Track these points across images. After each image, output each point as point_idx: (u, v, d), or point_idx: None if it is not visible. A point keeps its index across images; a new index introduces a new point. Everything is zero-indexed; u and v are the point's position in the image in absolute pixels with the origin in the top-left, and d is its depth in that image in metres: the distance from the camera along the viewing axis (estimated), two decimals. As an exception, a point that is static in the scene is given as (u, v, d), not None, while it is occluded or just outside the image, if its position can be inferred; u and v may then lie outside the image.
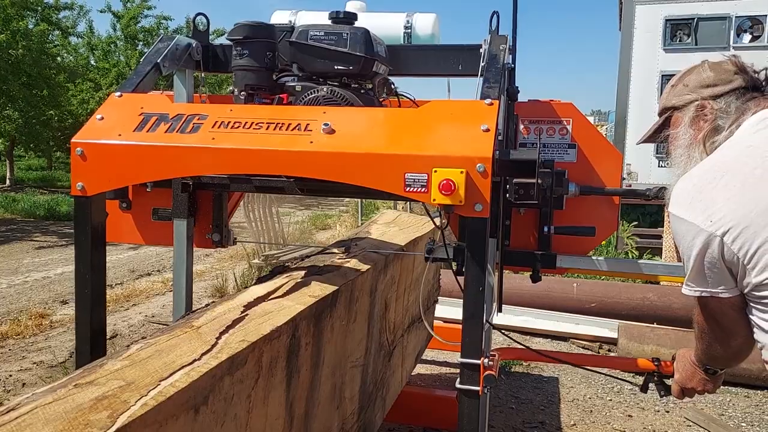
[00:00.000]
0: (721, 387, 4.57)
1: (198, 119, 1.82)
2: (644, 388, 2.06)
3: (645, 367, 2.06)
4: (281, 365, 1.52)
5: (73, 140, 1.85)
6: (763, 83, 1.62)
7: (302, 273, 2.00)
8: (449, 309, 5.33)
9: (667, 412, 4.10)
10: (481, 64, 2.02)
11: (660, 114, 1.74)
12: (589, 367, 2.39)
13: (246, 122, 1.79)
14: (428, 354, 4.57)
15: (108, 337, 5.30)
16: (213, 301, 1.75)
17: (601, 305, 5.48)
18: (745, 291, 1.44)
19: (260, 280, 1.98)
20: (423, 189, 1.62)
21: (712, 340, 1.60)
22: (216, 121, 1.81)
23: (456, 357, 5.28)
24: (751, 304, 1.46)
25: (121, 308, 6.42)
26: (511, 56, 2.11)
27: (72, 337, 5.37)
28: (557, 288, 5.76)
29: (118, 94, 1.99)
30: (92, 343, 1.91)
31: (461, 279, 1.73)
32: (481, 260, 1.67)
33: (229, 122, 1.80)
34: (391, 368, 2.74)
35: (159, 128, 1.82)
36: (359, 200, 12.85)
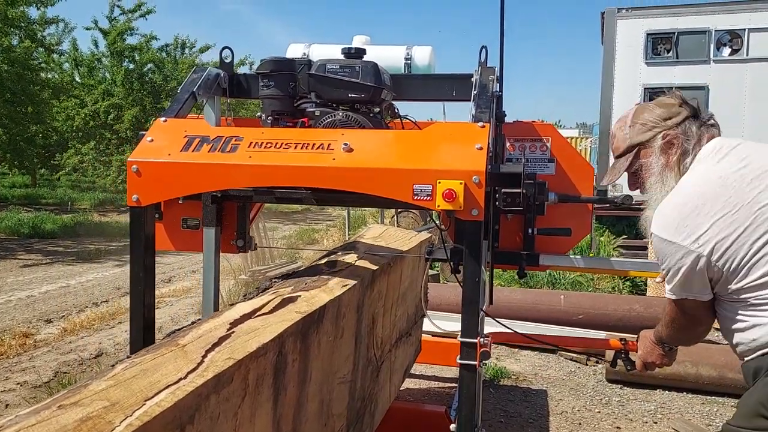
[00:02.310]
0: (708, 397, 4.62)
1: (235, 140, 2.09)
2: (613, 364, 2.40)
3: (615, 346, 2.41)
4: (268, 383, 1.52)
5: (129, 159, 2.11)
6: (699, 111, 1.92)
7: (289, 289, 2.00)
8: (438, 322, 5.32)
9: (655, 422, 4.12)
10: (473, 92, 2.30)
11: (626, 152, 2.00)
12: (567, 348, 2.74)
13: (277, 143, 2.07)
14: (417, 368, 4.56)
15: (93, 356, 5.27)
16: (199, 319, 1.74)
17: (588, 317, 5.51)
18: (723, 293, 1.78)
19: (247, 297, 1.97)
20: (428, 197, 1.90)
21: (681, 328, 1.95)
22: (251, 142, 2.08)
23: (444, 371, 5.25)
24: (725, 302, 1.80)
25: (106, 326, 6.35)
26: (498, 85, 2.41)
27: (56, 356, 5.32)
28: (544, 300, 5.78)
29: (163, 119, 2.28)
30: (144, 333, 2.16)
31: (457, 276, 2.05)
32: (477, 256, 1.95)
33: (262, 143, 2.07)
34: (379, 384, 2.73)
35: (203, 148, 2.09)
36: (347, 215, 12.84)
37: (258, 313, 1.72)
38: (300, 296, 1.91)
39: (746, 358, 1.80)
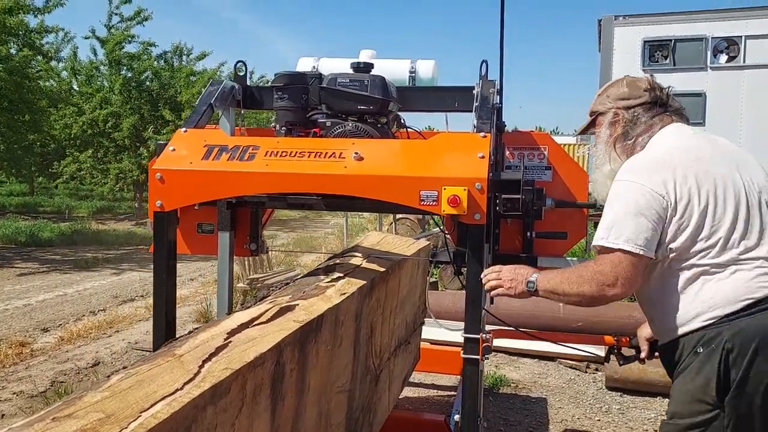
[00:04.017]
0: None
1: (252, 149, 2.21)
2: (607, 358, 2.54)
3: (609, 342, 2.58)
4: (266, 393, 1.50)
5: (152, 167, 2.22)
6: (666, 100, 2.07)
7: (286, 298, 1.98)
8: (437, 330, 5.31)
9: (656, 431, 4.10)
10: (475, 104, 2.45)
11: (590, 115, 2.22)
12: (563, 344, 3.03)
13: (291, 151, 2.19)
14: (416, 377, 4.54)
15: (90, 365, 5.24)
16: (196, 328, 1.73)
17: (587, 324, 5.49)
18: (667, 253, 1.84)
19: (244, 306, 1.96)
20: (434, 203, 2.01)
21: (597, 284, 1.85)
22: (267, 151, 2.20)
23: (443, 380, 5.21)
24: (669, 266, 1.85)
25: (103, 335, 6.32)
26: (498, 97, 2.52)
27: (53, 365, 5.29)
28: (544, 308, 5.76)
29: (183, 129, 2.39)
30: (167, 331, 2.30)
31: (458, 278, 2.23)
32: (479, 257, 2.07)
33: (278, 152, 2.19)
34: (378, 393, 2.71)
35: (222, 157, 2.20)
36: (344, 222, 12.83)
37: (255, 322, 1.70)
38: (298, 305, 1.89)
39: (682, 331, 1.84)
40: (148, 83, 20.37)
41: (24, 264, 11.06)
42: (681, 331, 1.85)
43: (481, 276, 2.07)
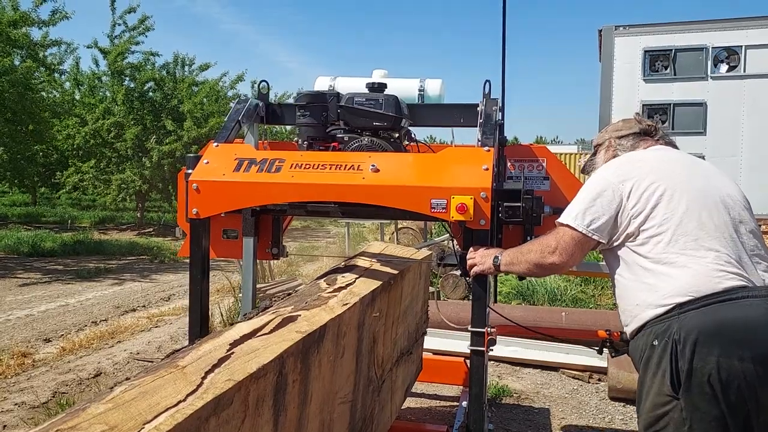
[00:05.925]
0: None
1: (279, 162, 2.43)
2: (600, 351, 2.71)
3: (602, 336, 2.73)
4: (268, 404, 1.50)
5: (190, 179, 2.45)
6: (654, 132, 2.42)
7: (289, 308, 1.99)
8: (439, 340, 5.30)
9: (659, 441, 4.07)
10: (479, 120, 2.66)
11: (593, 148, 2.57)
12: (561, 339, 3.24)
13: (314, 164, 2.40)
14: (418, 387, 4.53)
15: (92, 375, 5.24)
16: (199, 338, 1.73)
17: (590, 333, 5.47)
18: (621, 239, 2.09)
19: (247, 317, 1.96)
20: (444, 210, 2.22)
21: (540, 252, 2.19)
22: (292, 164, 2.42)
23: (446, 390, 5.20)
24: (626, 247, 2.09)
25: (105, 345, 6.31)
26: (500, 114, 2.77)
27: (55, 376, 5.29)
28: (546, 317, 5.76)
29: (215, 144, 2.64)
30: (201, 325, 2.54)
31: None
32: None
33: (302, 164, 2.41)
34: (380, 403, 2.71)
35: (252, 169, 2.42)
36: (346, 232, 12.83)
37: (258, 333, 1.71)
38: (300, 315, 1.90)
39: (640, 320, 2.02)
40: (151, 93, 20.41)
41: (26, 274, 11.06)
42: (639, 320, 2.02)
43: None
